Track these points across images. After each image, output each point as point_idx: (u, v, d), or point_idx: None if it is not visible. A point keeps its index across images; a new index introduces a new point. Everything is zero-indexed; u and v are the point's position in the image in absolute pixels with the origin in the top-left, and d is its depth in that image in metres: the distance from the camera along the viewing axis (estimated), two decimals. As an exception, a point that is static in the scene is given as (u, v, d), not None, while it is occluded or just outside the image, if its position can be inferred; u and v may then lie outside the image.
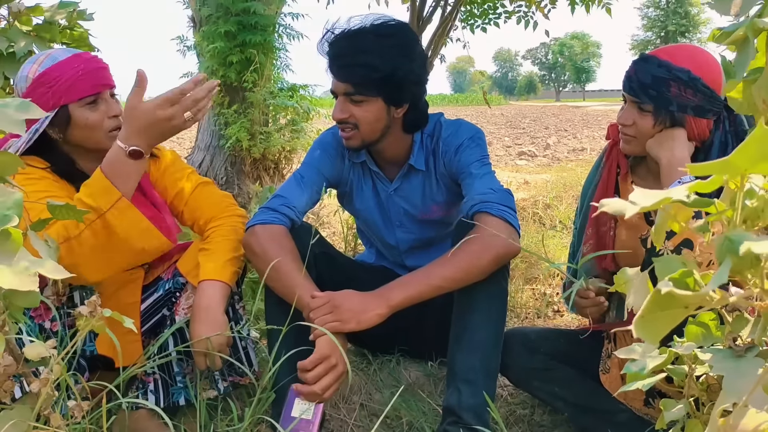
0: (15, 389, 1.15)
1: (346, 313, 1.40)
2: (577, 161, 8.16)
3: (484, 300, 1.48)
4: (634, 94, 1.40)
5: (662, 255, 0.81)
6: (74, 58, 1.46)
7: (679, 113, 1.37)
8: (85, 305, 0.90)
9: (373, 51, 1.52)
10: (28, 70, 1.45)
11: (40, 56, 1.48)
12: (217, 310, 1.48)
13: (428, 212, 1.78)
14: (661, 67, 1.37)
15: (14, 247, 0.74)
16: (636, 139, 1.44)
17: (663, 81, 1.36)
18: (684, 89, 1.35)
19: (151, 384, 1.60)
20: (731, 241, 0.56)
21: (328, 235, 3.76)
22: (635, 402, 1.43)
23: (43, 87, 1.43)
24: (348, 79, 1.55)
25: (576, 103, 55.62)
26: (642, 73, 1.39)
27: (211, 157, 4.58)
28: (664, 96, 1.37)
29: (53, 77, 1.43)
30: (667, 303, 0.59)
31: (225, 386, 1.64)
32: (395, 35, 1.56)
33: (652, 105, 1.39)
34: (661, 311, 0.59)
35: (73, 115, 1.45)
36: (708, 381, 0.84)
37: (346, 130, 1.61)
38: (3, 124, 0.78)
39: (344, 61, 1.54)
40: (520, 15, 5.66)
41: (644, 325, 0.60)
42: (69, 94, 1.43)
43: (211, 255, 1.54)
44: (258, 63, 4.26)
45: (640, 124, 1.42)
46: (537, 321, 2.47)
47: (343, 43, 1.56)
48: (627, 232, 1.53)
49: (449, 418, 1.44)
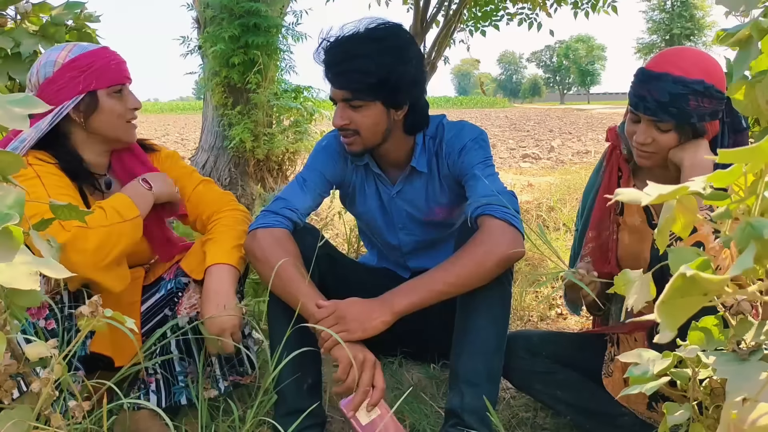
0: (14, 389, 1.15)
1: (352, 324, 1.41)
2: (581, 164, 8.15)
3: (488, 302, 1.48)
4: (652, 114, 1.36)
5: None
6: (103, 49, 1.55)
7: (700, 123, 1.36)
8: (86, 305, 0.90)
9: (367, 55, 1.51)
10: (57, 55, 1.51)
11: (66, 45, 1.54)
12: (228, 291, 1.50)
13: (432, 214, 1.77)
14: (676, 83, 1.34)
15: (15, 246, 0.74)
16: (657, 154, 1.41)
17: (682, 96, 1.33)
18: (702, 100, 1.33)
19: (153, 384, 1.60)
20: (753, 227, 0.56)
21: (331, 237, 3.76)
22: (638, 406, 1.42)
23: (75, 71, 1.49)
24: (344, 85, 1.55)
25: (580, 106, 55.58)
26: (657, 92, 1.35)
27: (215, 158, 4.59)
28: (685, 111, 1.34)
29: (87, 62, 1.50)
30: (688, 289, 0.58)
31: (226, 386, 1.64)
32: (388, 38, 1.55)
33: (673, 121, 1.36)
34: (681, 297, 0.59)
35: (101, 102, 1.52)
36: (711, 384, 0.83)
37: (347, 136, 1.61)
38: (6, 120, 0.78)
39: (339, 68, 1.54)
40: (522, 17, 5.65)
41: (665, 309, 0.59)
42: (100, 80, 1.51)
43: (216, 243, 1.57)
44: (262, 64, 4.26)
45: (661, 141, 1.39)
46: (540, 324, 2.47)
47: (337, 50, 1.56)
48: (630, 236, 1.52)
49: (452, 420, 1.43)
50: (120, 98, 1.55)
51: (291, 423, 1.39)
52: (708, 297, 0.60)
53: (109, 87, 1.52)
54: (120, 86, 1.54)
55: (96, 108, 1.52)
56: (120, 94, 1.55)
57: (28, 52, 2.00)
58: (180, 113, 47.59)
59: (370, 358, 1.42)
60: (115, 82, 1.53)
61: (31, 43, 2.01)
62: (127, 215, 1.45)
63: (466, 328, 1.48)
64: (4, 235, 0.72)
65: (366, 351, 1.43)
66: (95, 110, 1.52)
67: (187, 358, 1.61)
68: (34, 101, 0.82)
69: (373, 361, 1.42)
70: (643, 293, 0.69)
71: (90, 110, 1.52)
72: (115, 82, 1.53)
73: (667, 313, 0.60)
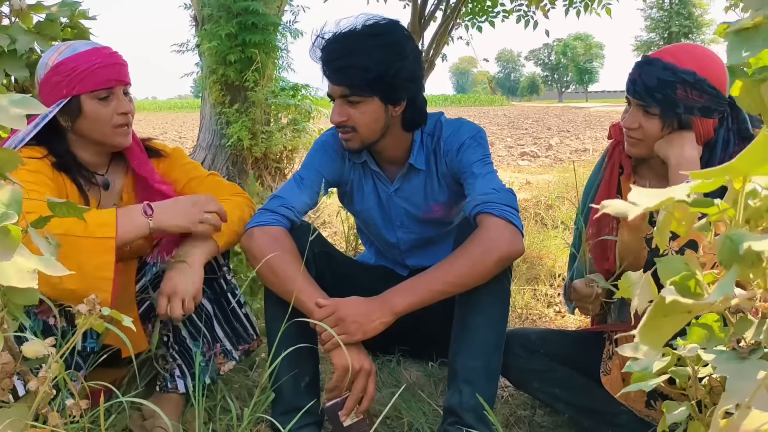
0: (18, 385, 1.15)
1: (352, 325, 1.41)
2: (579, 162, 8.15)
3: (487, 301, 1.47)
4: (640, 98, 1.39)
5: (666, 256, 0.81)
6: (94, 51, 1.50)
7: (686, 115, 1.36)
8: (84, 303, 0.89)
9: (364, 51, 1.51)
10: (48, 57, 1.50)
11: (61, 46, 1.52)
12: (194, 261, 1.47)
13: (430, 212, 1.77)
14: (666, 69, 1.35)
15: (13, 244, 0.74)
16: (642, 141, 1.43)
17: (669, 84, 1.35)
18: (690, 91, 1.34)
19: (177, 370, 1.61)
20: (732, 241, 0.55)
21: (330, 235, 3.76)
22: (636, 404, 1.42)
23: (59, 75, 1.46)
24: (342, 81, 1.54)
25: (579, 104, 55.59)
26: (647, 76, 1.37)
27: (213, 156, 4.58)
28: (671, 99, 1.35)
29: (70, 67, 1.46)
30: (671, 309, 0.58)
31: (239, 354, 1.67)
32: (385, 34, 1.55)
33: (658, 108, 1.37)
34: (664, 317, 0.59)
35: (84, 107, 1.48)
36: (711, 383, 0.83)
37: (345, 133, 1.61)
38: (3, 119, 0.78)
39: (337, 64, 1.54)
40: (520, 14, 5.63)
41: (647, 332, 0.59)
42: (83, 85, 1.47)
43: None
44: (259, 62, 4.25)
45: (646, 127, 1.40)
46: (538, 322, 2.47)
47: (333, 46, 1.55)
48: (629, 233, 1.52)
49: (450, 418, 1.43)
50: (106, 103, 1.49)
51: (289, 421, 1.39)
52: (692, 314, 0.60)
53: (93, 92, 1.47)
54: (106, 91, 1.49)
55: (80, 113, 1.48)
56: (107, 99, 1.49)
57: (24, 49, 1.99)
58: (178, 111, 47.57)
59: (366, 367, 1.43)
60: (98, 87, 1.47)
61: (27, 40, 2.00)
62: (95, 232, 1.33)
63: (465, 326, 1.48)
64: (2, 234, 0.72)
65: (364, 359, 1.43)
66: (79, 115, 1.49)
67: (199, 337, 1.61)
68: (31, 102, 0.82)
69: (369, 370, 1.44)
70: (645, 293, 0.69)
71: (74, 115, 1.48)
72: (98, 87, 1.47)
73: (650, 335, 0.60)
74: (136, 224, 1.41)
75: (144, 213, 1.43)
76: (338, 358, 1.41)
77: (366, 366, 1.43)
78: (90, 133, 1.52)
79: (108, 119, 1.50)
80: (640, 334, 0.59)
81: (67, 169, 1.53)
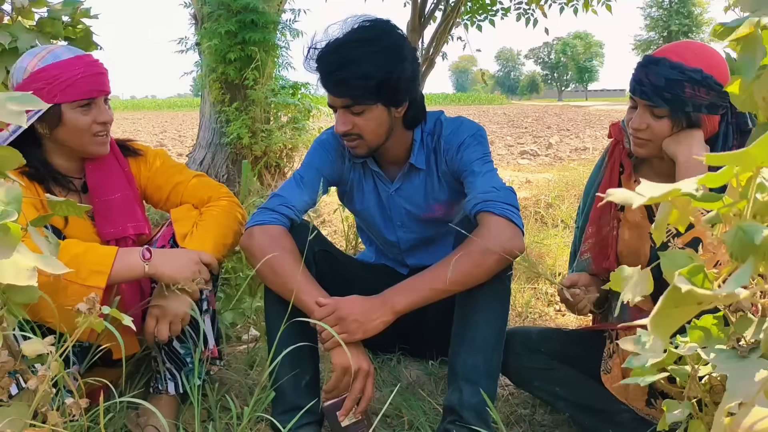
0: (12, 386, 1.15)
1: (352, 325, 1.40)
2: (579, 161, 8.15)
3: (487, 299, 1.47)
4: (648, 98, 1.37)
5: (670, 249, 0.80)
6: (76, 60, 1.48)
7: (695, 113, 1.36)
8: (84, 301, 0.89)
9: (362, 60, 1.48)
10: (27, 62, 1.47)
11: (41, 51, 1.49)
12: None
13: (430, 211, 1.77)
14: (673, 69, 1.34)
15: (13, 242, 0.73)
16: (651, 142, 1.41)
17: (677, 83, 1.34)
18: (698, 89, 1.33)
19: (168, 372, 1.61)
20: (744, 232, 0.55)
21: (329, 234, 3.76)
22: (637, 402, 1.42)
23: (40, 82, 1.44)
24: (344, 93, 1.52)
25: (578, 103, 55.55)
26: (654, 76, 1.36)
27: (213, 154, 4.58)
28: (680, 98, 1.34)
29: (52, 75, 1.44)
30: (683, 299, 0.58)
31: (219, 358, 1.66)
32: (381, 38, 1.52)
33: (667, 108, 1.36)
34: (675, 307, 0.59)
35: (64, 116, 1.47)
36: (711, 382, 0.83)
37: (351, 140, 1.59)
38: (3, 116, 0.77)
39: (337, 76, 1.51)
40: (520, 12, 5.63)
41: (658, 322, 0.59)
42: (65, 94, 1.45)
43: (195, 237, 1.54)
44: (259, 61, 4.25)
45: (655, 127, 1.39)
46: (539, 320, 2.47)
47: (330, 57, 1.52)
48: (630, 232, 1.52)
49: (450, 417, 1.43)
50: (87, 112, 1.49)
51: (289, 420, 1.39)
52: (702, 306, 0.59)
53: (75, 101, 1.46)
54: (88, 100, 1.48)
55: (59, 122, 1.47)
56: (87, 108, 1.49)
57: (26, 47, 1.99)
58: (178, 110, 47.52)
59: (365, 368, 1.43)
60: (81, 97, 1.46)
61: (29, 38, 2.00)
62: (86, 279, 1.33)
63: (465, 325, 1.48)
64: (2, 232, 0.71)
65: (363, 359, 1.43)
66: (59, 124, 1.47)
67: (186, 339, 1.60)
68: (31, 99, 0.82)
69: (367, 371, 1.43)
70: (640, 287, 0.69)
71: (53, 123, 1.47)
72: (81, 97, 1.46)
73: (660, 324, 0.60)
74: (130, 267, 1.41)
75: (142, 256, 1.42)
76: (338, 357, 1.41)
77: (365, 366, 1.43)
78: (68, 142, 1.51)
79: (87, 128, 1.49)
80: (651, 323, 0.59)
81: (40, 180, 1.52)
